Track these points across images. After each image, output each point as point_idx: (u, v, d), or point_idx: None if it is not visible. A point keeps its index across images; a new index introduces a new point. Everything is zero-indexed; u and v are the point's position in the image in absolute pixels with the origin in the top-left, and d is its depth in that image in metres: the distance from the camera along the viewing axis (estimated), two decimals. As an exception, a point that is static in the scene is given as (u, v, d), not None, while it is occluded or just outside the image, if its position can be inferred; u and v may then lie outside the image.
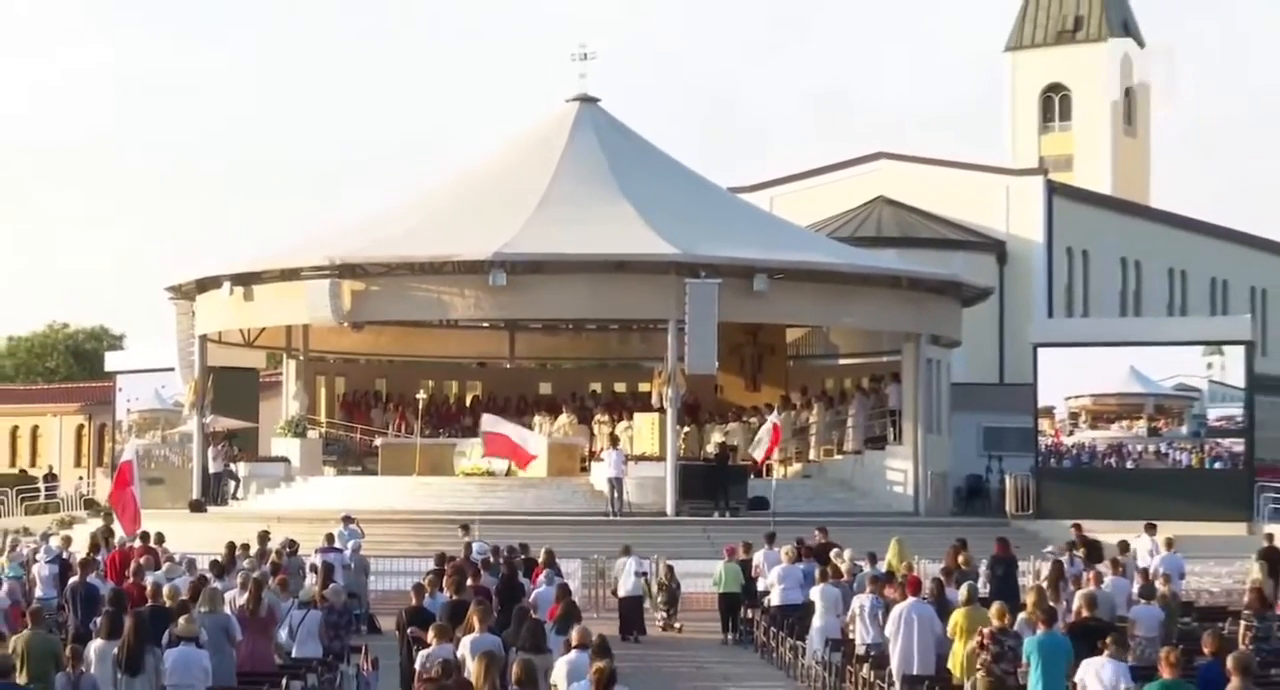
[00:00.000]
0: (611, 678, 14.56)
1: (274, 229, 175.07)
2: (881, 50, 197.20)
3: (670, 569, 36.31)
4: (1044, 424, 49.58)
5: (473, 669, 15.43)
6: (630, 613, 34.23)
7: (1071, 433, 49.49)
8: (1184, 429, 48.73)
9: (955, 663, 22.07)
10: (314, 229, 58.16)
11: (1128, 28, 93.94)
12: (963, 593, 23.14)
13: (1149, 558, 37.12)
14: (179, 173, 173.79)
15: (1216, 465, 48.49)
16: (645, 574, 35.47)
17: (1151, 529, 38.97)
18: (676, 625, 35.46)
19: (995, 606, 22.30)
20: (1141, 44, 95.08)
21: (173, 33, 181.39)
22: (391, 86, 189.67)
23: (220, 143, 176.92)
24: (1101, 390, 49.14)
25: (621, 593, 34.64)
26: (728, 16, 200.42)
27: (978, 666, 20.55)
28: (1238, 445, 48.63)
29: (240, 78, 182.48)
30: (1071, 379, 49.32)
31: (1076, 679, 18.05)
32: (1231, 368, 48.76)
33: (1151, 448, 48.76)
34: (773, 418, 46.31)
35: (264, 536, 34.65)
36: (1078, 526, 37.90)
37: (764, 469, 50.27)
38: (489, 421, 47.94)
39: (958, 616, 22.34)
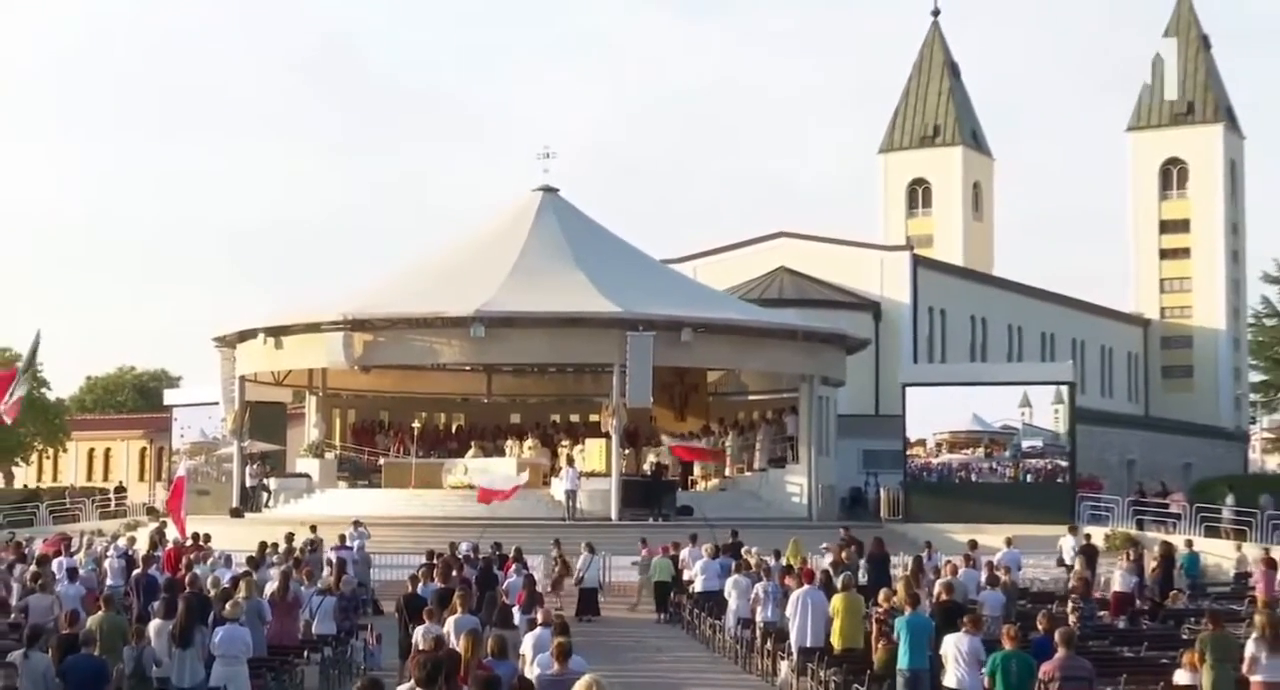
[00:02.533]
0: (569, 650, 14.48)
1: (299, 288, 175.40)
2: (785, 149, 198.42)
3: (557, 542, 35.93)
4: (918, 450, 49.72)
5: (460, 643, 15.34)
6: (587, 598, 34.08)
7: (937, 456, 49.73)
8: (1007, 454, 49.17)
9: (835, 636, 22.08)
10: (330, 290, 57.83)
11: (975, 135, 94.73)
12: (840, 581, 23.16)
13: (1070, 553, 37.14)
14: (224, 247, 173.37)
15: (1028, 478, 48.90)
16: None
17: (1074, 531, 39.28)
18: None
19: (883, 592, 22.32)
20: (987, 148, 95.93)
21: (221, 135, 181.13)
22: (393, 176, 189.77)
23: (259, 226, 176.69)
24: (955, 428, 49.58)
25: (581, 582, 34.50)
26: (660, 125, 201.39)
27: (877, 640, 20.59)
28: (1040, 463, 48.96)
29: (270, 173, 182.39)
30: (931, 413, 49.47)
31: (942, 651, 18.03)
32: (1037, 413, 49.11)
33: (986, 466, 49.17)
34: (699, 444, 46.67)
35: (290, 537, 34.43)
36: (846, 528, 37.93)
37: (688, 484, 50.34)
38: (475, 477, 46.59)
39: (837, 600, 22.34)
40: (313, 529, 36.17)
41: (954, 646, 17.72)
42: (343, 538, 35.41)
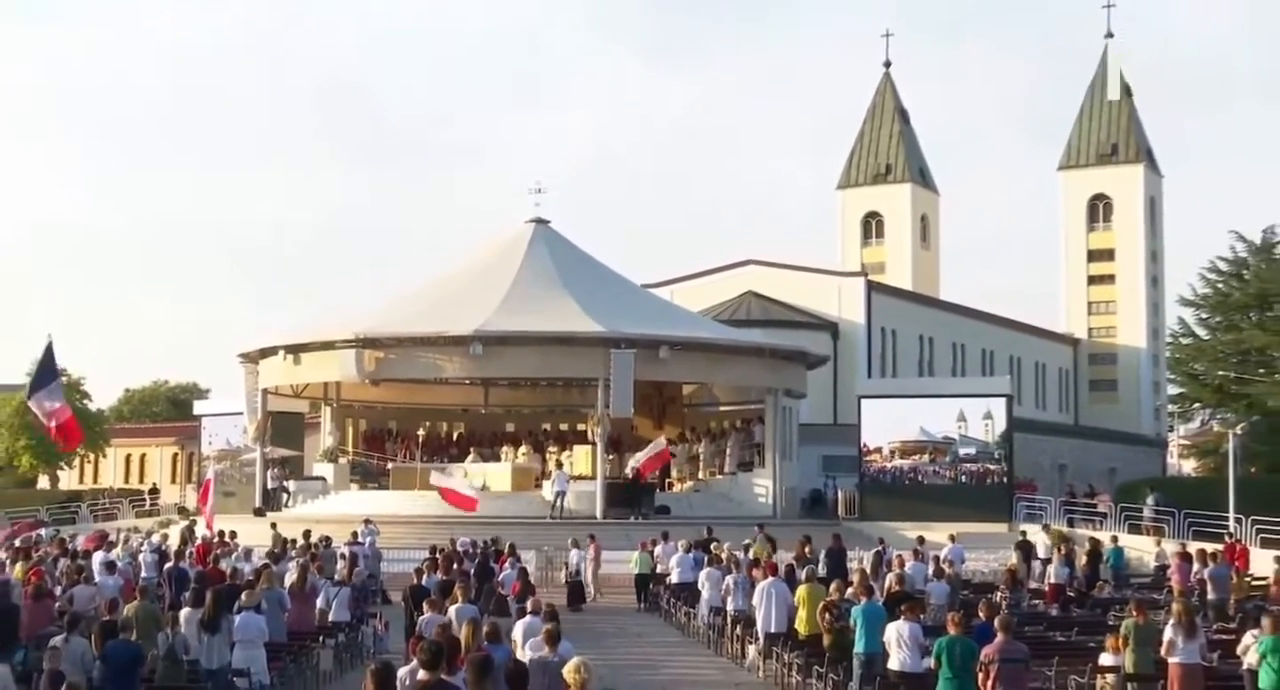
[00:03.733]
0: (558, 635, 14.45)
1: (315, 308, 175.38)
2: (754, 185, 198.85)
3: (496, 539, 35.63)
4: (875, 455, 49.70)
5: (461, 629, 15.32)
6: (575, 589, 34.02)
7: (890, 460, 49.74)
8: (947, 459, 49.19)
9: (801, 624, 22.08)
10: (344, 312, 57.73)
11: (923, 173, 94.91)
12: (804, 574, 23.15)
13: (1044, 549, 36.79)
14: (244, 272, 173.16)
15: (964, 480, 48.94)
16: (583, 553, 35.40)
17: (1046, 529, 39.21)
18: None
19: (835, 583, 22.31)
20: (933, 185, 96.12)
21: (224, 152, 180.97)
22: (402, 209, 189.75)
23: (277, 255, 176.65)
24: (904, 438, 49.63)
25: (576, 574, 34.43)
26: (641, 161, 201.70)
27: (825, 625, 20.58)
28: (974, 467, 49.01)
29: (283, 206, 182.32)
30: (883, 423, 49.54)
31: (885, 637, 18.05)
32: (971, 426, 49.23)
33: (931, 469, 49.22)
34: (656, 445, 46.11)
35: (307, 534, 34.40)
36: (761, 527, 37.67)
37: (665, 486, 50.28)
38: (436, 478, 44.88)
39: (801, 591, 22.33)
40: (273, 525, 37.52)
41: (895, 632, 17.79)
42: (355, 534, 35.37)
